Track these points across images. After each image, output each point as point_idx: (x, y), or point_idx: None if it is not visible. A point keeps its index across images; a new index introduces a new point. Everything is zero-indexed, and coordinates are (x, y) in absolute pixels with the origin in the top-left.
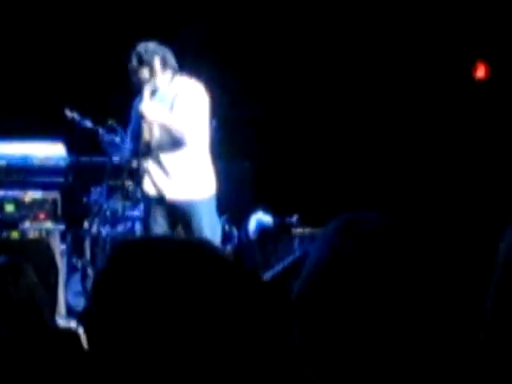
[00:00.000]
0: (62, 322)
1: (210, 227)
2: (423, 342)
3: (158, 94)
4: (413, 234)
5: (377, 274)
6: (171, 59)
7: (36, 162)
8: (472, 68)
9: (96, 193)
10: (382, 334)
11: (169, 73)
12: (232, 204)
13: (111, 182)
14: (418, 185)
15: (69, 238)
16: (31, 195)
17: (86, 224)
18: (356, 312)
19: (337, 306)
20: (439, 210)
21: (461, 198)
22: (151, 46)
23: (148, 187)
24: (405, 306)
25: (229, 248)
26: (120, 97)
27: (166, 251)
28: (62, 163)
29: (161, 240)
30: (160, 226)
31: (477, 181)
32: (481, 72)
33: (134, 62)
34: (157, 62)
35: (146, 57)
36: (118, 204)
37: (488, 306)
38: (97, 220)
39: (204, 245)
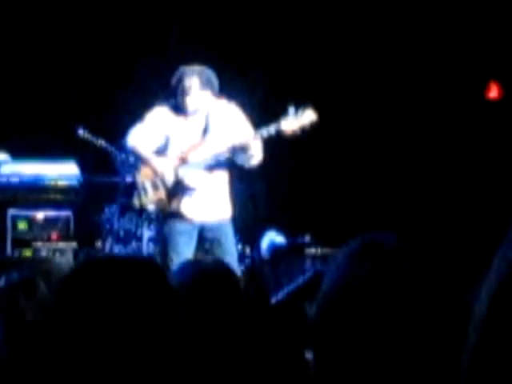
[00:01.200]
0: None
1: (236, 248)
2: (441, 364)
3: (196, 115)
4: (430, 256)
5: (394, 296)
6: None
7: (49, 181)
8: (485, 88)
9: (108, 212)
10: (399, 358)
11: (209, 94)
12: (245, 223)
13: (124, 201)
14: (432, 203)
15: (81, 257)
16: (44, 214)
17: (98, 243)
18: (375, 334)
19: (355, 328)
20: (454, 229)
21: (476, 217)
22: (204, 70)
23: (182, 207)
24: (423, 330)
25: (241, 267)
26: (133, 116)
27: (118, 271)
28: (75, 182)
29: (118, 260)
30: (188, 246)
31: (491, 200)
32: (493, 92)
33: (192, 83)
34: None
35: (204, 81)
36: (130, 223)
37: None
38: (109, 239)
39: (152, 263)
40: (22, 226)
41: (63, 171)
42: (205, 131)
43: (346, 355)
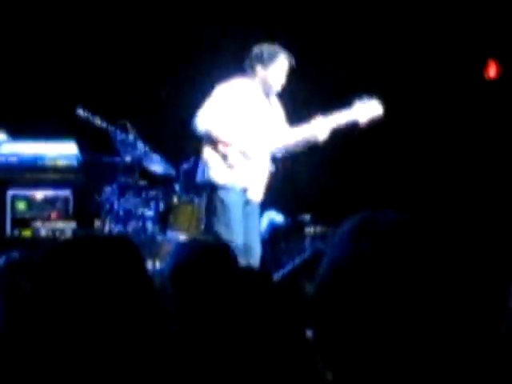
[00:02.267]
0: None
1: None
2: (441, 341)
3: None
4: (430, 232)
5: (395, 272)
6: None
7: (48, 160)
8: (483, 67)
9: (108, 191)
10: (400, 334)
11: None
12: None
13: (123, 181)
14: (431, 183)
15: None
16: (43, 194)
17: (97, 223)
18: (374, 311)
19: (355, 306)
20: (453, 208)
21: (473, 196)
22: None
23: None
24: (424, 306)
25: None
26: (133, 96)
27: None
28: (74, 162)
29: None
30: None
31: (488, 179)
32: (492, 71)
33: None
34: None
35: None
36: (130, 203)
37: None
38: (108, 219)
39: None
40: (21, 205)
41: (63, 151)
42: (277, 115)
43: (346, 332)
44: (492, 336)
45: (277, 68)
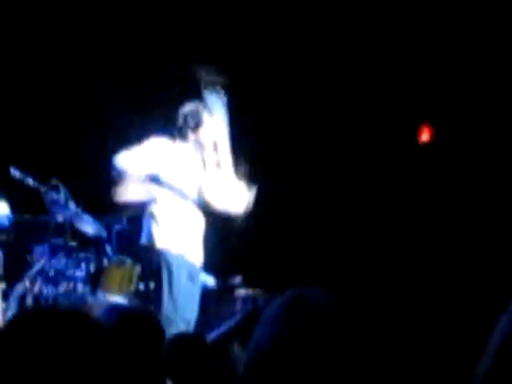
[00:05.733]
0: None
1: None
2: None
3: None
4: (359, 313)
5: (323, 350)
6: None
7: None
8: (416, 132)
9: (39, 252)
10: None
11: None
12: None
13: (54, 241)
14: (359, 251)
15: (10, 297)
16: None
17: (27, 283)
18: None
19: (286, 381)
20: (383, 284)
21: (405, 265)
22: None
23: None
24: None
25: None
26: (64, 156)
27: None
28: (5, 221)
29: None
30: None
31: (421, 245)
32: (425, 136)
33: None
34: None
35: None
36: (60, 263)
37: None
38: (39, 279)
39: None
40: None
41: None
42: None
43: None
44: None
45: (204, 129)
